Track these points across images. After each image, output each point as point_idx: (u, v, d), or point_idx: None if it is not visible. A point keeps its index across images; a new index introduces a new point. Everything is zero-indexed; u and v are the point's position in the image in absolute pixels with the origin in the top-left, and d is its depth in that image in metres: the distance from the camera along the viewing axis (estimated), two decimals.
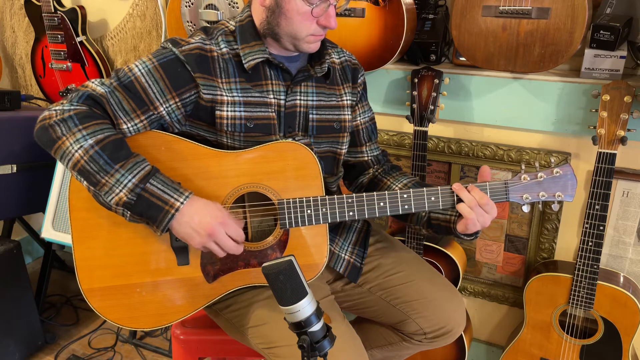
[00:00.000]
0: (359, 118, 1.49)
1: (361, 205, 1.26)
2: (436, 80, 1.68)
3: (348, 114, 1.42)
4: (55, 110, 1.18)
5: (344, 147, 1.44)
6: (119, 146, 1.16)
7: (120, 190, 1.13)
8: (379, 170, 1.51)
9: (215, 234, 1.17)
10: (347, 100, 1.42)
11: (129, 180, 1.14)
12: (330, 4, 1.23)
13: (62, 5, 2.31)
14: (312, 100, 1.36)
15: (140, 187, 1.14)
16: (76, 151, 1.14)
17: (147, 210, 1.15)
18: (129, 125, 1.21)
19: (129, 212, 1.16)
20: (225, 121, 1.27)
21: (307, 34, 1.25)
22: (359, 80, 1.46)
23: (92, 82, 1.23)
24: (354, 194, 1.26)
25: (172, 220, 1.15)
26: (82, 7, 2.31)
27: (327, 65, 1.35)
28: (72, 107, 1.17)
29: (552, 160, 1.37)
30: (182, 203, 1.16)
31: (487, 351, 2.08)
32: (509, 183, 1.24)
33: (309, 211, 1.25)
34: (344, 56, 1.45)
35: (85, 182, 1.16)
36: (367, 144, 1.50)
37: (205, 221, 1.16)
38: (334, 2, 1.24)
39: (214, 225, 1.16)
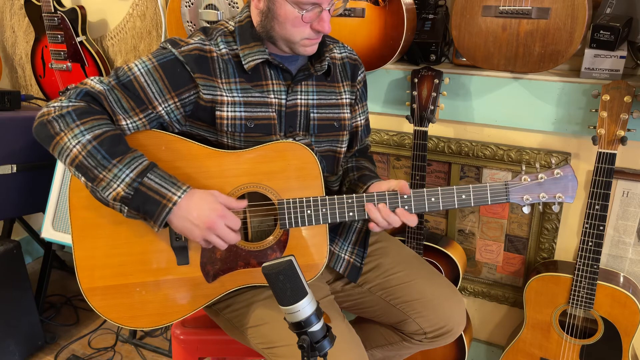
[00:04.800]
0: (359, 118, 1.49)
1: (361, 206, 1.26)
2: (436, 80, 1.68)
3: (347, 112, 1.42)
4: (53, 106, 1.18)
5: (344, 146, 1.44)
6: (116, 141, 1.16)
7: (118, 185, 1.13)
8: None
9: (215, 227, 1.17)
10: (346, 98, 1.42)
11: (127, 175, 1.13)
12: (322, 9, 1.21)
13: (62, 5, 2.31)
14: (313, 99, 1.36)
15: (137, 182, 1.14)
16: (74, 146, 1.14)
17: (144, 205, 1.14)
18: (129, 121, 1.21)
19: (126, 208, 1.15)
20: (225, 121, 1.27)
21: (301, 38, 1.24)
22: (359, 78, 1.46)
23: (91, 80, 1.23)
24: (354, 195, 1.26)
25: (169, 214, 1.15)
26: (82, 7, 2.31)
27: (326, 63, 1.35)
28: (71, 104, 1.18)
29: (552, 161, 1.37)
30: (179, 197, 1.15)
31: (487, 351, 2.08)
32: (510, 184, 1.24)
33: (308, 211, 1.26)
34: (345, 52, 1.45)
35: (83, 178, 1.16)
36: (359, 144, 1.53)
37: (204, 214, 1.16)
38: (327, 7, 1.22)
39: (213, 218, 1.16)
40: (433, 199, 1.25)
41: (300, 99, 1.34)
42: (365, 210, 1.26)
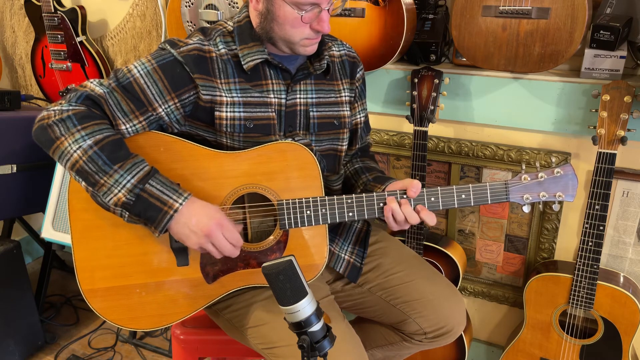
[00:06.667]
0: (358, 116, 1.49)
1: (361, 206, 1.26)
2: (436, 80, 1.68)
3: (347, 110, 1.42)
4: (53, 110, 1.18)
5: (345, 144, 1.44)
6: (117, 147, 1.16)
7: (119, 191, 1.13)
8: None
9: (212, 235, 1.17)
10: (345, 96, 1.42)
11: (128, 181, 1.14)
12: (322, 9, 1.21)
13: (62, 5, 2.31)
14: (312, 98, 1.36)
15: (139, 188, 1.14)
16: (75, 151, 1.14)
17: (145, 211, 1.15)
18: (128, 126, 1.21)
19: (127, 213, 1.15)
20: (224, 122, 1.27)
21: (300, 39, 1.24)
22: (357, 76, 1.46)
23: (91, 82, 1.23)
24: (353, 195, 1.26)
25: (170, 221, 1.15)
26: (82, 7, 2.31)
27: (325, 62, 1.35)
28: (71, 107, 1.17)
29: (553, 160, 1.37)
30: (180, 204, 1.16)
31: (487, 351, 2.08)
32: (510, 183, 1.24)
33: (308, 212, 1.25)
34: (343, 49, 1.45)
35: (83, 183, 1.16)
36: (360, 142, 1.53)
37: (203, 222, 1.16)
38: (326, 7, 1.22)
39: (211, 226, 1.16)
40: (433, 199, 1.25)
41: (300, 98, 1.34)
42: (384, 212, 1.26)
